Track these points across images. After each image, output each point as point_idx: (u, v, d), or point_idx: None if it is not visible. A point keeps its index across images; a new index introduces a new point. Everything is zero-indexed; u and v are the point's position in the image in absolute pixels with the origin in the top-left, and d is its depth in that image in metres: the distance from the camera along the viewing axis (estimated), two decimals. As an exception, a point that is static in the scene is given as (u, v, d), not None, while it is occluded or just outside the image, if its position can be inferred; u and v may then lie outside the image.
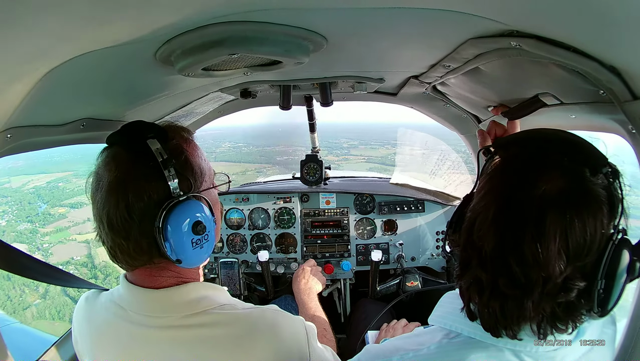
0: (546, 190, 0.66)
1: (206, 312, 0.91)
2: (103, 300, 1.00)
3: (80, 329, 1.02)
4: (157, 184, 0.83)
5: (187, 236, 0.85)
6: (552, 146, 0.72)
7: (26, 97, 0.90)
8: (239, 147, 24.63)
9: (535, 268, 0.65)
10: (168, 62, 1.01)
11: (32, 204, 21.21)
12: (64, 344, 1.50)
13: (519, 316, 0.70)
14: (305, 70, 1.47)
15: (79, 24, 0.70)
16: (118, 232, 0.83)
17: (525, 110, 1.25)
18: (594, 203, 0.66)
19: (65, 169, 23.81)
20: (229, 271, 2.26)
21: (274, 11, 0.83)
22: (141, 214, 0.82)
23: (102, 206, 0.84)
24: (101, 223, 0.85)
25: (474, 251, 0.74)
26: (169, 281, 0.93)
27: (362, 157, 16.13)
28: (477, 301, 0.76)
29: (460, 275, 0.79)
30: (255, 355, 0.88)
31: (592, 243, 0.66)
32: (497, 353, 0.76)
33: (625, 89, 0.84)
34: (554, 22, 0.77)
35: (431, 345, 0.83)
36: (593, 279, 0.67)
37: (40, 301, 15.09)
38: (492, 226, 0.71)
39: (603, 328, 0.82)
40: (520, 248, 0.66)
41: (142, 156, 0.84)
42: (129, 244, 0.84)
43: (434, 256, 2.56)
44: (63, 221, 19.98)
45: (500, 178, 0.75)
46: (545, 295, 0.67)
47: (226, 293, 1.01)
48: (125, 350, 0.92)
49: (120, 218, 0.82)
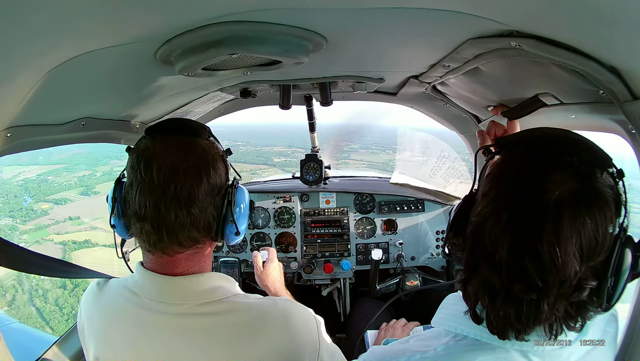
0: (560, 193, 0.65)
1: (221, 301, 0.93)
2: (115, 286, 1.01)
3: (89, 314, 1.02)
4: (224, 168, 0.98)
5: (245, 209, 1.02)
6: (559, 146, 0.71)
7: (26, 97, 0.90)
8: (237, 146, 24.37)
9: (553, 271, 0.65)
10: (168, 62, 1.01)
11: (18, 197, 20.23)
12: (66, 343, 1.50)
13: (535, 319, 0.69)
14: (305, 70, 1.47)
15: (79, 23, 0.70)
16: (191, 206, 0.89)
17: (525, 110, 1.25)
18: (604, 203, 0.66)
19: (58, 162, 22.72)
20: (229, 271, 2.26)
21: (274, 11, 0.83)
22: (218, 188, 0.95)
23: (175, 185, 0.87)
24: (169, 202, 0.87)
25: (485, 256, 0.72)
26: (189, 270, 0.96)
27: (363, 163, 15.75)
28: (487, 306, 0.75)
29: (467, 280, 0.78)
30: (269, 342, 0.90)
31: (604, 242, 0.66)
32: (504, 354, 0.76)
33: (625, 89, 0.84)
34: (553, 22, 0.77)
35: (438, 346, 0.83)
36: (603, 277, 0.68)
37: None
38: (505, 231, 0.69)
39: (605, 327, 0.82)
40: (537, 252, 0.65)
41: (212, 143, 0.98)
42: (202, 218, 0.91)
43: (434, 256, 2.56)
44: (44, 219, 19.04)
45: (509, 180, 0.73)
46: (560, 297, 0.67)
47: (238, 286, 1.04)
48: (136, 335, 0.93)
49: (203, 192, 0.90)
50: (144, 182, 0.87)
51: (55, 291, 15.24)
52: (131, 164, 0.91)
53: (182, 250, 0.93)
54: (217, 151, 0.98)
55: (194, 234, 0.91)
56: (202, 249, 0.98)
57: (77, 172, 21.51)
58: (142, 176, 0.88)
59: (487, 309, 0.75)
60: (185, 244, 0.92)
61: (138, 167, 0.89)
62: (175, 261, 0.95)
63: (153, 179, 0.87)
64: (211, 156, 0.95)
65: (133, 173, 0.90)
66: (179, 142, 0.93)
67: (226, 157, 1.01)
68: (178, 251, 0.93)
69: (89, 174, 21.12)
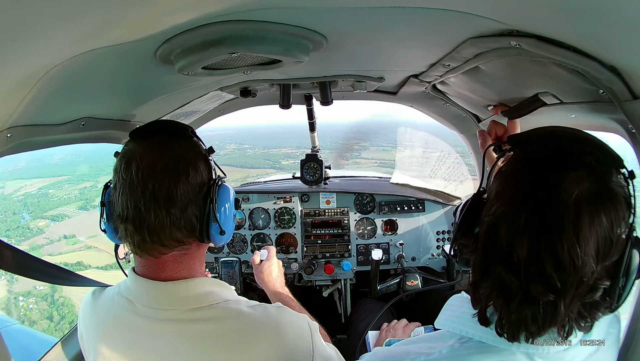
0: (578, 192, 0.65)
1: (211, 306, 0.92)
2: (110, 294, 1.01)
3: (86, 323, 1.02)
4: (206, 167, 0.96)
5: (230, 208, 0.99)
6: (574, 145, 0.71)
7: (26, 97, 0.90)
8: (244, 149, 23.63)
9: (572, 272, 0.65)
10: (168, 61, 1.01)
11: (16, 214, 18.86)
12: (67, 343, 1.50)
13: (551, 321, 0.69)
14: (305, 69, 1.47)
15: (78, 23, 0.70)
16: (170, 206, 0.88)
17: (525, 109, 1.25)
18: (618, 203, 0.67)
19: (61, 173, 21.50)
20: (229, 271, 2.26)
21: (274, 10, 0.83)
22: (199, 187, 0.93)
23: (153, 184, 0.87)
24: (148, 202, 0.87)
25: (500, 257, 0.71)
26: (178, 274, 0.95)
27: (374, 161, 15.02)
28: (500, 308, 0.73)
29: (478, 281, 0.76)
30: (259, 351, 0.89)
31: (618, 242, 0.67)
32: (510, 356, 0.76)
33: (625, 88, 0.84)
34: (554, 21, 0.77)
35: (442, 348, 0.82)
36: (616, 277, 0.68)
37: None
38: (525, 232, 0.68)
39: (609, 328, 0.82)
40: (556, 252, 0.65)
41: (194, 142, 0.98)
42: (182, 217, 0.90)
43: (435, 256, 2.56)
44: (39, 238, 17.46)
45: (524, 179, 0.72)
46: (576, 297, 0.67)
47: (232, 290, 1.02)
48: (131, 342, 0.93)
49: (183, 190, 0.89)
50: (125, 183, 0.88)
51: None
52: (115, 167, 0.92)
53: (166, 251, 0.92)
54: (199, 150, 0.98)
55: (176, 234, 0.90)
56: (189, 250, 0.96)
57: (79, 185, 20.17)
58: (123, 177, 0.89)
59: (500, 311, 0.74)
60: (168, 244, 0.91)
61: (120, 169, 0.90)
62: (162, 264, 0.94)
63: (132, 179, 0.87)
64: (191, 155, 0.94)
65: (116, 175, 0.91)
66: (158, 142, 0.93)
67: (209, 155, 1.00)
68: (163, 252, 0.92)
69: (90, 186, 19.85)
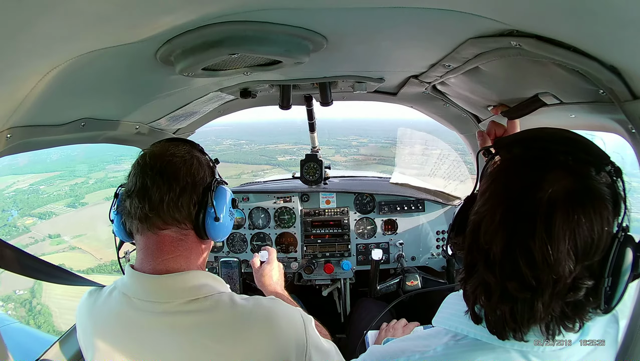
0: (553, 191, 0.65)
1: (206, 298, 0.96)
2: (107, 291, 1.04)
3: (83, 321, 1.04)
4: (209, 170, 1.09)
5: (227, 206, 1.08)
6: (555, 145, 0.71)
7: (26, 97, 0.90)
8: (240, 145, 23.38)
9: (545, 270, 0.65)
10: (168, 62, 1.01)
11: (5, 211, 17.86)
12: (66, 342, 1.50)
13: (530, 318, 0.69)
14: (305, 70, 1.47)
15: (79, 24, 0.70)
16: (173, 181, 0.98)
17: (525, 110, 1.25)
18: (599, 201, 0.66)
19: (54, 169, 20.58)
20: (229, 271, 2.25)
21: (274, 11, 0.83)
22: (201, 179, 1.03)
23: (162, 162, 1.00)
24: (154, 176, 0.97)
25: (481, 255, 0.73)
26: (175, 264, 0.98)
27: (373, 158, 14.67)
28: (484, 305, 0.75)
29: (465, 279, 0.78)
30: (252, 341, 0.91)
31: (600, 241, 0.66)
32: (504, 354, 0.76)
33: (625, 88, 0.84)
34: (554, 21, 0.77)
35: (437, 346, 0.83)
36: (600, 277, 0.67)
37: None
38: (499, 229, 0.69)
39: (606, 328, 0.82)
40: (529, 250, 0.65)
41: (202, 152, 1.12)
42: (181, 198, 0.98)
43: (434, 256, 2.56)
44: (24, 237, 16.36)
45: (505, 180, 0.74)
46: (555, 296, 0.67)
47: (226, 285, 1.05)
48: (128, 337, 0.95)
49: (186, 173, 1.00)
50: (138, 167, 1.01)
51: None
52: (132, 164, 1.04)
53: (164, 226, 0.98)
54: (206, 157, 1.11)
55: (175, 213, 0.98)
56: (186, 237, 1.01)
57: (70, 180, 19.37)
58: (138, 163, 1.02)
59: (485, 308, 0.75)
60: (167, 220, 0.97)
61: (136, 162, 1.03)
62: (160, 243, 0.99)
63: (146, 161, 1.00)
64: (198, 155, 1.07)
65: (132, 168, 1.03)
66: (172, 143, 1.07)
67: (214, 166, 1.13)
68: (161, 227, 0.98)
69: (81, 182, 19.14)
